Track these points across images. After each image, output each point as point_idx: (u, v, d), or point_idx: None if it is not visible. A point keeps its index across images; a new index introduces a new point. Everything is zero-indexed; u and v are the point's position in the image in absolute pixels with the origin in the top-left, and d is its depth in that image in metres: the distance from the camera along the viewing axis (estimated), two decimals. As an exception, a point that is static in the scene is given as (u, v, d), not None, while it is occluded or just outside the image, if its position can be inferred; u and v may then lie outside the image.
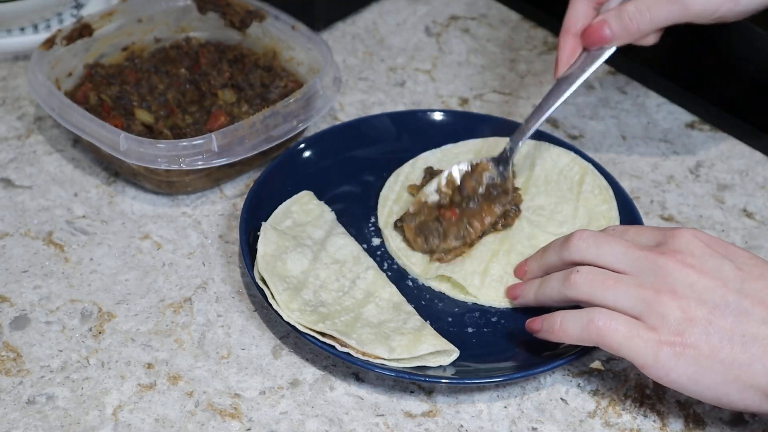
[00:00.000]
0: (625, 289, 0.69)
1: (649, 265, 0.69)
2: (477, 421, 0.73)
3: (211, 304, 0.80)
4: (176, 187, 0.88)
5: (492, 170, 0.86)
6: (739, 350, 0.66)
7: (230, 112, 0.92)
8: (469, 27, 1.13)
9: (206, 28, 1.02)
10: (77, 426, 0.71)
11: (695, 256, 0.68)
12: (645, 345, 0.67)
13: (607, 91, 1.04)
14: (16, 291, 0.81)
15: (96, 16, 0.97)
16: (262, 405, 0.73)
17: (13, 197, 0.89)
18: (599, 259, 0.72)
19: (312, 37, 0.96)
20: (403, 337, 0.74)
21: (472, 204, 0.84)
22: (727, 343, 0.66)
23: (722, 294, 0.67)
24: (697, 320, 0.66)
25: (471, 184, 0.85)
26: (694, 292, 0.67)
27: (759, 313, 0.66)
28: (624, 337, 0.68)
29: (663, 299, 0.67)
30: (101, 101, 0.92)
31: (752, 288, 0.67)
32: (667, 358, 0.67)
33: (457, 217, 0.83)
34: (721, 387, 0.66)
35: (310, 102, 0.89)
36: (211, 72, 0.96)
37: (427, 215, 0.84)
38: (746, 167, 0.96)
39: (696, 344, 0.66)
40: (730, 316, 0.66)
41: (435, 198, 0.85)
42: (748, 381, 0.66)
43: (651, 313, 0.67)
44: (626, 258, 0.70)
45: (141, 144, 0.83)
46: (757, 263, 0.69)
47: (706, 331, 0.66)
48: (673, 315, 0.67)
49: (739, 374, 0.66)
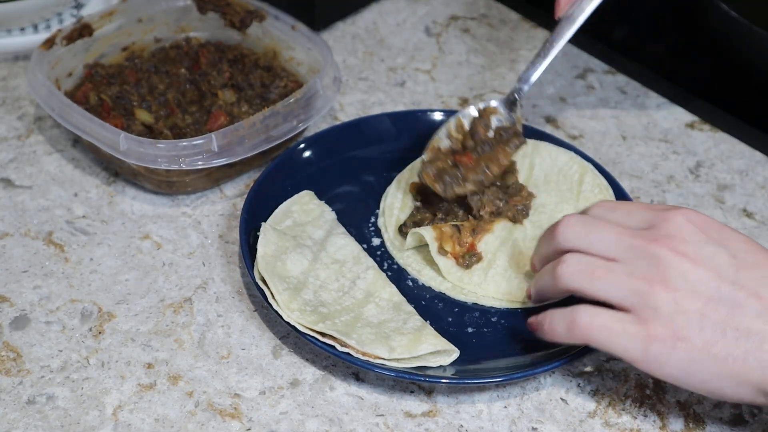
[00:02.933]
0: (615, 279, 0.67)
1: (641, 253, 0.67)
2: (477, 421, 0.73)
3: (211, 304, 0.80)
4: (176, 187, 0.88)
5: (501, 113, 0.85)
6: (732, 344, 0.64)
7: (230, 112, 0.92)
8: (469, 27, 1.13)
9: (206, 28, 1.02)
10: (77, 426, 0.71)
11: (688, 242, 0.66)
12: (633, 340, 0.66)
13: (607, 91, 1.04)
14: (16, 291, 0.81)
15: (96, 16, 0.97)
16: (262, 405, 0.73)
17: (13, 197, 0.89)
18: (589, 247, 0.69)
19: (312, 37, 0.96)
20: (403, 337, 0.74)
21: (487, 148, 0.83)
22: (720, 337, 0.65)
23: (716, 286, 0.65)
24: (690, 313, 0.65)
25: (482, 128, 0.84)
26: (687, 283, 0.65)
27: (753, 306, 0.65)
28: (610, 333, 0.67)
29: (655, 291, 0.66)
30: (101, 101, 0.92)
31: (747, 278, 0.65)
32: (659, 352, 0.66)
33: (473, 161, 0.83)
34: (715, 381, 0.66)
35: (310, 102, 0.90)
36: (211, 72, 0.96)
37: (443, 161, 0.83)
38: (746, 167, 0.96)
39: (689, 338, 0.65)
40: (724, 309, 0.65)
41: (447, 144, 0.84)
42: (742, 376, 0.65)
43: (643, 305, 0.66)
44: (617, 245, 0.68)
45: (141, 144, 0.83)
46: (751, 249, 0.67)
47: (700, 325, 0.65)
48: (665, 308, 0.65)
49: (733, 368, 0.65)
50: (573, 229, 0.70)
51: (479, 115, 0.86)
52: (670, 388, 0.75)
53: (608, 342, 0.67)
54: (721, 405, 0.74)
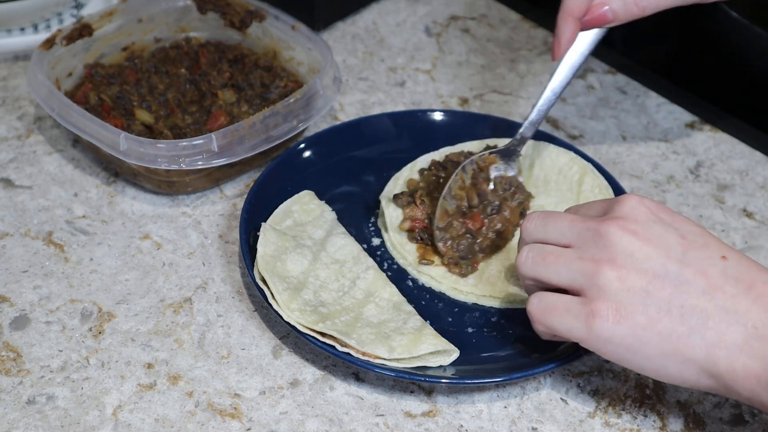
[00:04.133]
0: (564, 263, 0.68)
1: (591, 235, 0.67)
2: (477, 421, 0.73)
3: (211, 304, 0.80)
4: (176, 187, 0.88)
5: (499, 162, 0.86)
6: (677, 322, 0.64)
7: (230, 112, 0.92)
8: (469, 27, 1.13)
9: (206, 28, 1.02)
10: (77, 426, 0.71)
11: (639, 222, 0.67)
12: (578, 318, 0.66)
13: (607, 91, 1.04)
14: (16, 291, 0.81)
15: (96, 16, 0.97)
16: (262, 405, 0.73)
17: (13, 197, 0.89)
18: (546, 237, 0.70)
19: (312, 37, 0.95)
20: (403, 337, 0.74)
21: (492, 208, 0.84)
22: (665, 315, 0.64)
23: (663, 263, 0.65)
24: (635, 291, 0.65)
25: (484, 184, 0.84)
26: (634, 261, 0.65)
27: (699, 284, 0.65)
28: (556, 313, 0.67)
29: (601, 270, 0.66)
30: (101, 101, 0.92)
31: (694, 257, 0.65)
32: (602, 329, 0.65)
33: (484, 225, 0.83)
34: (659, 359, 0.65)
35: (310, 102, 0.90)
36: (211, 72, 0.96)
37: (456, 229, 0.83)
38: (746, 167, 0.96)
39: (632, 315, 0.65)
40: (670, 287, 0.65)
41: (453, 204, 0.84)
42: (687, 354, 0.64)
43: (590, 285, 0.66)
44: (570, 231, 0.69)
45: (141, 144, 0.83)
46: (701, 233, 0.67)
47: (644, 302, 0.65)
48: (610, 285, 0.65)
49: (678, 346, 0.64)
50: (534, 222, 0.72)
51: (479, 168, 0.85)
52: (670, 388, 0.75)
53: (555, 322, 0.68)
54: (721, 405, 0.74)
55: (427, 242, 0.84)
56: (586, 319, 0.66)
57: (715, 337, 0.64)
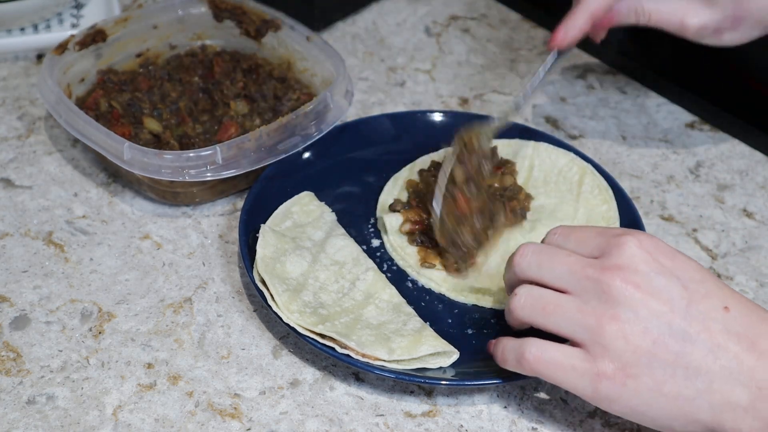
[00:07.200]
0: (565, 314, 0.66)
1: (592, 285, 0.65)
2: (477, 421, 0.73)
3: (211, 304, 0.80)
4: (181, 198, 0.87)
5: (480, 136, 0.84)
6: (682, 385, 0.64)
7: (242, 124, 0.90)
8: (469, 27, 1.13)
9: (222, 36, 1.01)
10: (77, 426, 0.71)
11: (639, 273, 0.65)
12: (583, 377, 0.65)
13: (607, 91, 1.04)
14: (16, 291, 0.81)
15: (110, 21, 0.96)
16: (262, 405, 0.73)
17: (13, 197, 0.89)
18: (541, 279, 0.68)
19: (326, 48, 0.94)
20: (403, 339, 0.74)
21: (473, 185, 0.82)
22: (670, 377, 0.64)
23: (667, 320, 0.64)
24: (641, 352, 0.64)
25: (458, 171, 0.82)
26: (638, 318, 0.64)
27: (704, 341, 0.64)
28: (559, 369, 0.66)
29: (605, 327, 0.64)
30: (111, 108, 0.91)
31: (698, 311, 0.64)
32: (609, 390, 0.65)
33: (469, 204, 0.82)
34: (665, 420, 0.65)
35: (320, 115, 0.88)
36: (225, 81, 0.95)
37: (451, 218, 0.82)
38: (746, 167, 0.96)
39: (638, 376, 0.64)
40: (675, 346, 0.64)
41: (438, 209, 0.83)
42: (692, 415, 0.64)
43: (593, 342, 0.65)
44: (569, 276, 0.67)
45: (145, 154, 0.82)
46: (703, 279, 0.66)
47: (649, 364, 0.64)
48: (615, 344, 0.64)
49: (684, 408, 0.64)
50: (527, 259, 0.70)
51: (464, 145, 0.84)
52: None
53: (558, 378, 0.67)
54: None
55: (427, 245, 0.84)
56: (591, 379, 0.65)
57: (720, 399, 0.63)
